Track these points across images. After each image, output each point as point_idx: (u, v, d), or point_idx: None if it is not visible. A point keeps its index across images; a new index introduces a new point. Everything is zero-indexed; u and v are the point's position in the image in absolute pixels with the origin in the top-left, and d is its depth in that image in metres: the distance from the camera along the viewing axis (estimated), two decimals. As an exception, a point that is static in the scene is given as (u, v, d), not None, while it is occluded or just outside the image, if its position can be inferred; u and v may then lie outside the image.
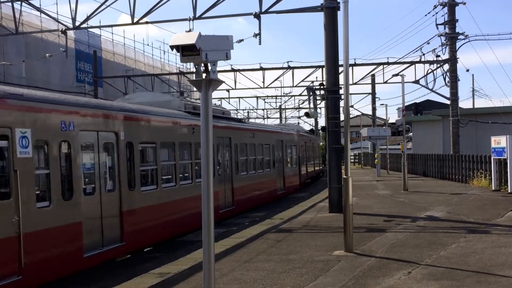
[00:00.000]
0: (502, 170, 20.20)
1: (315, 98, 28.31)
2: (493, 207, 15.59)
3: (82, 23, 21.35)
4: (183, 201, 14.72)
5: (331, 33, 15.98)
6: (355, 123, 63.78)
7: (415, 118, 50.14)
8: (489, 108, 37.50)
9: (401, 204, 17.42)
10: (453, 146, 29.43)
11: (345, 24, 10.31)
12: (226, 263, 9.43)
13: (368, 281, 7.81)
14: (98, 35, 36.32)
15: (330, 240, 11.28)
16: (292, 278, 8.16)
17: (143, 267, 10.17)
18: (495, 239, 10.70)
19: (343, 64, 10.45)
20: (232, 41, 5.77)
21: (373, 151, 44.81)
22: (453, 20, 29.21)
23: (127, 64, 39.52)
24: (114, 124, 11.89)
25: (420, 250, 9.82)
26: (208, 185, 5.53)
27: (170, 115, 14.76)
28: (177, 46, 5.34)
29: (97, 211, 11.06)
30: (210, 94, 5.52)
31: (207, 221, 5.51)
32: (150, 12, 20.19)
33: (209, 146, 5.57)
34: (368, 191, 22.61)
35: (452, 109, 29.64)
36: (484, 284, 7.45)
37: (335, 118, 16.19)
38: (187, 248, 12.35)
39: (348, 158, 10.62)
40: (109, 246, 11.27)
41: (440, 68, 29.67)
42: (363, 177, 32.55)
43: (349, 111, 10.77)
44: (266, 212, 19.25)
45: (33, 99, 9.60)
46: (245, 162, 20.63)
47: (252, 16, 18.51)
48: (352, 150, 60.32)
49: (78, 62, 33.87)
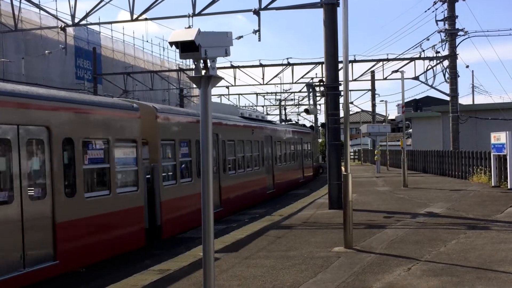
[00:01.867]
0: (502, 166, 20.20)
1: (315, 94, 28.25)
2: (493, 203, 15.60)
3: (81, 20, 21.33)
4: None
5: (331, 29, 15.96)
6: (354, 119, 63.71)
7: (415, 114, 50.15)
8: (489, 104, 37.49)
9: (401, 201, 17.43)
10: (453, 142, 29.45)
11: (345, 21, 10.30)
12: (226, 259, 9.43)
13: (368, 277, 7.82)
14: (97, 32, 36.28)
15: (330, 236, 11.28)
16: (292, 275, 8.17)
17: (143, 264, 10.18)
18: (494, 235, 10.70)
19: (343, 60, 10.44)
20: (231, 38, 5.75)
21: (373, 147, 44.81)
22: (453, 16, 29.19)
23: (126, 61, 39.49)
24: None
25: (420, 246, 9.82)
26: (208, 182, 5.52)
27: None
28: (176, 42, 5.32)
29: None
30: (209, 91, 5.51)
31: (207, 218, 5.51)
32: (149, 9, 20.20)
33: (208, 143, 5.56)
34: (368, 187, 22.62)
35: (451, 106, 29.65)
36: (484, 280, 7.46)
37: (334, 115, 16.19)
38: (187, 245, 12.36)
39: (347, 155, 10.62)
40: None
41: (440, 64, 29.69)
42: (363, 174, 32.56)
43: (349, 107, 10.78)
44: (266, 209, 19.27)
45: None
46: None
47: (252, 12, 18.50)
48: (351, 146, 60.35)
49: (77, 59, 33.85)
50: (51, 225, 9.68)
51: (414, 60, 29.99)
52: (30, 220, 9.15)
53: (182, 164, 15.25)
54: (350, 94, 30.82)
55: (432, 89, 30.66)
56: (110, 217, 11.47)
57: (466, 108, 34.16)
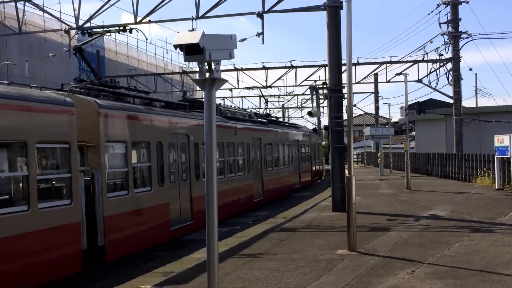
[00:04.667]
0: (506, 169, 20.18)
1: (318, 97, 28.38)
2: (497, 206, 15.57)
3: (85, 22, 21.36)
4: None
5: (334, 32, 15.97)
6: (358, 122, 63.76)
7: (418, 117, 50.06)
8: (493, 107, 37.42)
9: (404, 203, 17.41)
10: (456, 145, 29.41)
11: (348, 23, 10.30)
12: (230, 262, 9.44)
13: (371, 280, 7.81)
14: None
15: (333, 239, 11.28)
16: (295, 277, 8.17)
17: (147, 266, 10.19)
18: (498, 238, 10.68)
19: (346, 63, 10.45)
20: (235, 40, 5.77)
21: (376, 150, 44.76)
22: (456, 19, 29.18)
23: (130, 63, 39.56)
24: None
25: (424, 249, 9.81)
26: (212, 185, 5.53)
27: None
28: (181, 45, 5.35)
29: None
30: (213, 93, 5.53)
31: (211, 220, 5.52)
32: (153, 12, 20.20)
33: (213, 148, 5.56)
34: (371, 190, 22.60)
35: (455, 108, 29.61)
36: (488, 283, 7.44)
37: (338, 117, 16.19)
38: (190, 247, 12.36)
39: (351, 157, 10.61)
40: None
41: (443, 67, 29.62)
42: (366, 176, 32.53)
43: (352, 110, 10.77)
44: (269, 211, 19.26)
45: None
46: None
47: (255, 15, 18.51)
48: (355, 149, 60.26)
49: (81, 61, 33.88)
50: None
51: (417, 62, 29.95)
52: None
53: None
54: (353, 97, 30.72)
55: (436, 91, 30.63)
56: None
57: (469, 111, 34.13)
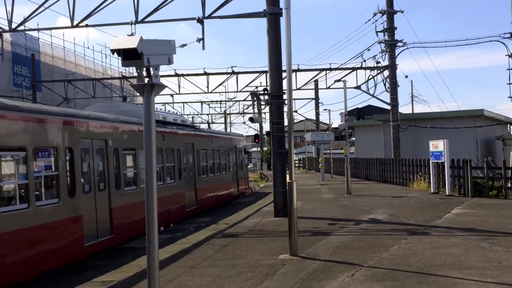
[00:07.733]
0: (440, 173, 20.89)
1: (260, 103, 28.36)
2: (432, 209, 16.07)
3: (19, 25, 20.70)
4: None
5: (274, 39, 16.10)
6: (299, 128, 64.52)
7: (357, 123, 51.20)
8: (427, 113, 38.74)
9: (344, 208, 17.71)
10: (394, 150, 30.20)
11: (288, 30, 10.41)
12: (172, 269, 9.31)
13: (313, 284, 7.88)
14: (36, 38, 35.23)
15: (275, 244, 11.32)
16: (237, 283, 8.14)
17: (86, 275, 9.92)
18: (434, 240, 11.02)
19: (286, 69, 10.55)
20: (174, 46, 5.71)
21: (317, 155, 45.42)
22: (392, 27, 30.01)
23: (67, 68, 38.52)
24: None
25: (363, 252, 9.99)
26: (152, 191, 5.44)
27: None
28: (119, 50, 5.23)
29: None
30: (153, 99, 5.44)
31: (151, 227, 5.42)
32: (90, 15, 19.78)
33: (152, 154, 5.47)
34: (312, 195, 22.87)
35: (392, 114, 30.43)
36: (424, 284, 7.66)
37: (279, 123, 16.31)
38: (131, 255, 12.12)
39: (292, 163, 10.69)
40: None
41: (381, 74, 30.39)
42: (308, 181, 32.92)
43: (293, 116, 10.87)
44: (212, 217, 19.15)
45: None
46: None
47: (196, 21, 18.44)
48: (296, 154, 60.94)
49: (15, 65, 32.73)
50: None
51: (355, 70, 30.61)
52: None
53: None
54: (294, 103, 31.13)
55: (374, 98, 31.38)
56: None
57: (406, 117, 35.17)
